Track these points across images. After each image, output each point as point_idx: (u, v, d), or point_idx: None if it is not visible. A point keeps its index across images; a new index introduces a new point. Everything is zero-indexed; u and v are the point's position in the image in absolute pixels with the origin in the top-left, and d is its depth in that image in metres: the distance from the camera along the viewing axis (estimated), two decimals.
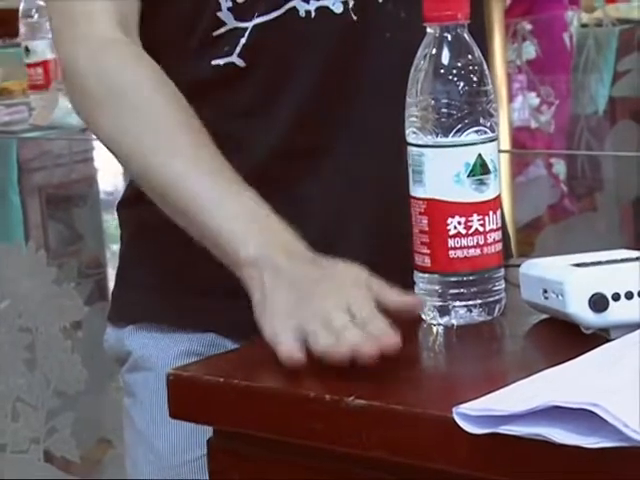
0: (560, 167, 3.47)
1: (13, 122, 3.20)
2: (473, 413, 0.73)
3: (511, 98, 2.44)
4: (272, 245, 1.02)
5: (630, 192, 3.08)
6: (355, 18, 1.23)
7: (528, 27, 3.42)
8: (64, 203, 2.76)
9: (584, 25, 3.79)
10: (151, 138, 1.16)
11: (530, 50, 3.57)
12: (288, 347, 0.92)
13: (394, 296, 0.97)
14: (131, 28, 1.28)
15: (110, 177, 2.75)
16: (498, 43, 1.66)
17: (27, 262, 1.84)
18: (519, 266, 1.09)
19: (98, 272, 2.12)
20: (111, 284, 1.57)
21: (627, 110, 3.19)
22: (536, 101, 3.51)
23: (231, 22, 1.22)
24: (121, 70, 1.21)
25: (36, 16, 3.19)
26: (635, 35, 3.58)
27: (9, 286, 1.81)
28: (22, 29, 3.24)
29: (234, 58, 1.23)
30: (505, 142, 1.72)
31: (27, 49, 3.15)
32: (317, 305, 0.93)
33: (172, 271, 1.29)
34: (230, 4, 1.21)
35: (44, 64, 3.04)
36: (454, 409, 0.73)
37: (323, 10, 1.21)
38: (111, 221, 1.79)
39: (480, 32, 1.25)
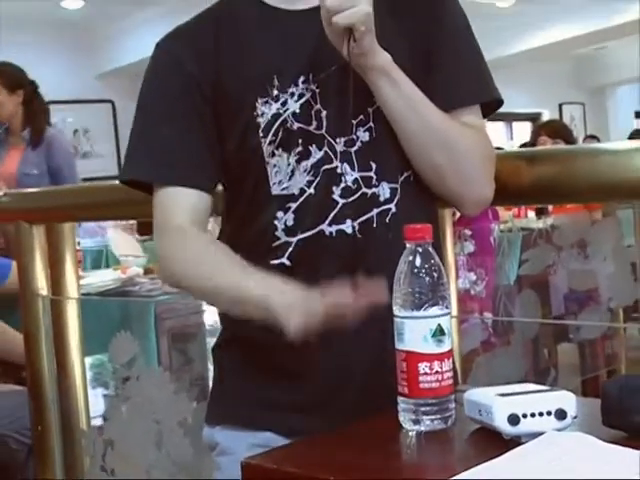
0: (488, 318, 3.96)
1: (153, 290, 3.39)
2: None
3: (457, 277, 2.87)
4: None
5: (531, 332, 3.59)
6: (360, 236, 1.39)
7: (468, 232, 3.81)
8: (182, 339, 3.10)
9: (502, 231, 4.36)
10: (219, 279, 1.38)
11: (469, 247, 3.99)
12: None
13: None
14: (203, 221, 1.47)
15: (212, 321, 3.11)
16: (449, 242, 1.85)
17: (159, 379, 2.13)
18: (464, 392, 1.21)
19: (202, 383, 2.41)
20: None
21: (528, 283, 3.66)
22: (473, 278, 3.93)
23: (283, 238, 1.40)
24: (195, 248, 1.42)
25: None
26: (531, 237, 4.11)
27: (149, 393, 2.12)
28: None
29: (284, 260, 1.41)
30: (454, 308, 1.89)
31: None
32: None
33: (246, 394, 1.47)
34: (283, 226, 1.40)
35: None
36: None
37: (340, 231, 1.39)
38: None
39: (437, 240, 1.42)
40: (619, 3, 9.60)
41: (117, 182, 1.61)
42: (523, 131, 12.23)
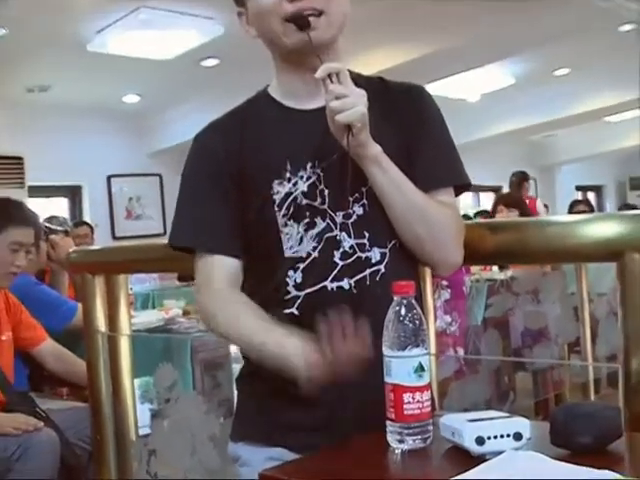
0: (460, 352, 3.91)
1: (190, 328, 3.40)
2: None
3: (436, 319, 2.86)
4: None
5: (494, 364, 3.52)
6: (356, 291, 1.39)
7: (445, 283, 3.84)
8: (213, 368, 3.07)
9: (472, 281, 4.35)
10: (252, 330, 1.38)
11: (445, 294, 3.97)
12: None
13: None
14: (237, 282, 1.45)
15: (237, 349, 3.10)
16: (429, 291, 1.81)
17: (193, 401, 2.15)
18: (440, 416, 1.22)
19: (228, 403, 2.32)
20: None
21: (492, 323, 3.64)
22: (449, 319, 3.91)
23: (293, 292, 1.40)
24: (232, 310, 1.41)
25: None
26: (495, 286, 4.11)
27: (185, 412, 2.13)
28: None
29: (294, 310, 1.40)
30: (433, 345, 1.84)
31: None
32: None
33: (263, 417, 1.45)
34: (293, 283, 1.40)
35: None
36: None
37: (340, 287, 1.39)
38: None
39: (419, 292, 1.43)
40: (563, 102, 9.73)
41: (162, 241, 1.62)
42: (487, 200, 12.24)
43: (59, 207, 8.38)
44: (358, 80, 1.37)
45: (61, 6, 5.07)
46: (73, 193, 8.67)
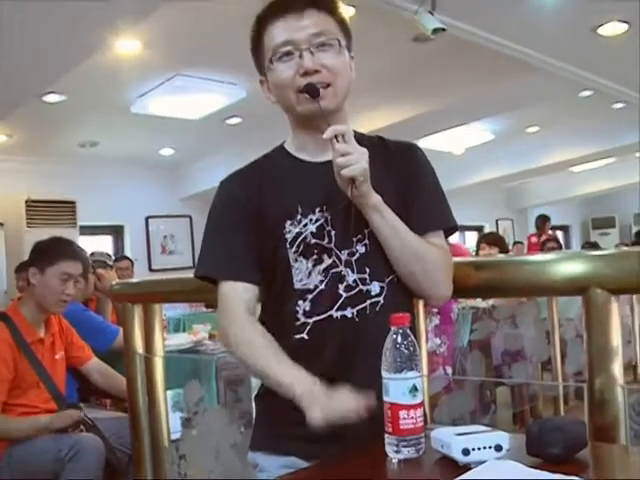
0: (449, 370, 3.88)
1: (215, 349, 3.37)
2: None
3: (427, 341, 2.84)
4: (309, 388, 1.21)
5: (478, 380, 3.51)
6: (357, 320, 1.37)
7: (435, 310, 3.83)
8: (234, 384, 3.05)
9: (459, 309, 4.35)
10: (262, 358, 1.34)
11: (436, 320, 3.95)
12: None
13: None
14: (253, 307, 1.43)
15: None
16: (421, 317, 1.77)
17: (218, 413, 2.12)
18: (432, 430, 1.19)
19: (248, 416, 2.08)
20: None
21: (476, 345, 3.60)
22: (438, 342, 3.89)
23: (303, 319, 1.38)
24: (249, 335, 1.39)
25: None
26: (479, 313, 4.07)
27: (211, 423, 2.10)
28: None
29: (304, 335, 1.38)
30: (424, 364, 1.78)
31: None
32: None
33: (278, 430, 1.43)
34: (303, 311, 1.38)
35: None
36: None
37: (343, 316, 1.37)
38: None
39: (413, 320, 1.41)
40: (535, 154, 9.81)
41: (191, 274, 1.60)
42: (472, 238, 12.22)
43: (104, 243, 8.39)
44: (361, 139, 1.37)
45: (109, 76, 5.16)
46: (116, 231, 8.71)
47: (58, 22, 3.58)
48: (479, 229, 12.94)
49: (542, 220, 9.85)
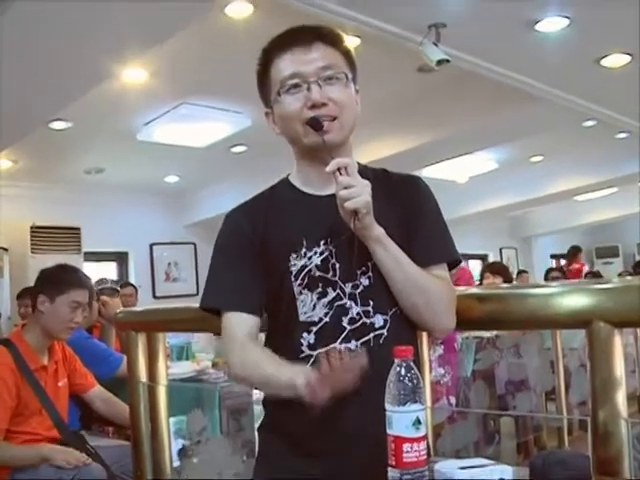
0: (452, 400, 3.86)
1: (218, 378, 3.38)
2: None
3: (431, 371, 2.84)
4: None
5: (481, 410, 3.45)
6: (360, 351, 1.35)
7: (439, 340, 3.85)
8: (237, 413, 3.05)
9: (462, 339, 4.35)
10: (265, 368, 1.35)
11: (439, 350, 3.95)
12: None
13: None
14: (255, 334, 1.43)
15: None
16: (425, 348, 1.79)
17: (220, 443, 2.14)
18: (435, 463, 1.21)
19: (250, 445, 2.22)
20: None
21: (480, 375, 3.60)
22: (442, 372, 3.88)
23: (307, 352, 1.38)
24: (252, 353, 1.39)
25: None
26: (482, 343, 4.07)
27: (214, 452, 2.11)
28: None
29: (307, 367, 1.35)
30: (428, 394, 1.78)
31: None
32: None
33: (278, 462, 1.43)
34: (307, 344, 1.38)
35: None
36: None
37: (347, 348, 1.36)
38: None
39: (416, 352, 1.34)
40: (538, 184, 9.84)
41: (194, 301, 1.60)
42: (476, 266, 12.21)
43: (109, 270, 8.39)
44: (365, 171, 1.39)
45: (115, 103, 5.20)
46: (121, 258, 8.72)
47: (66, 51, 3.62)
48: (483, 258, 12.93)
49: (574, 250, 10.18)
